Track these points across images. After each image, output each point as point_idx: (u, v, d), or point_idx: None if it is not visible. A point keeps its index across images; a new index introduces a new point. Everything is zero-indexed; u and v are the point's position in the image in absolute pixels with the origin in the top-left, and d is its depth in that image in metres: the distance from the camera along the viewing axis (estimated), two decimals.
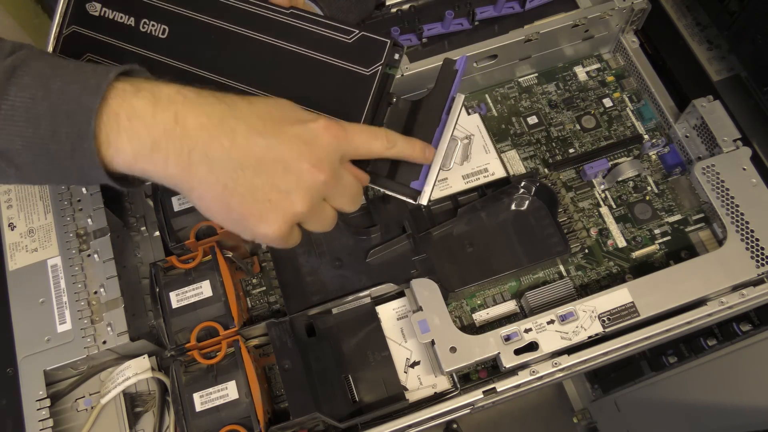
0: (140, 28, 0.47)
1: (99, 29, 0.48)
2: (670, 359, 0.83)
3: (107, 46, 0.47)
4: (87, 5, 0.48)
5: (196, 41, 0.47)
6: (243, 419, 0.50)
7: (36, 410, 0.51)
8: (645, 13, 0.66)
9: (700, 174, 0.58)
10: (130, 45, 0.47)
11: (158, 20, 0.47)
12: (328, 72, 0.45)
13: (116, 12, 0.48)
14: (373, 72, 0.44)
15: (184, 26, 0.47)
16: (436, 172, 0.46)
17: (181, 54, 0.47)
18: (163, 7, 0.47)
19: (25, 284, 0.55)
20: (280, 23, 0.46)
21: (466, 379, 0.57)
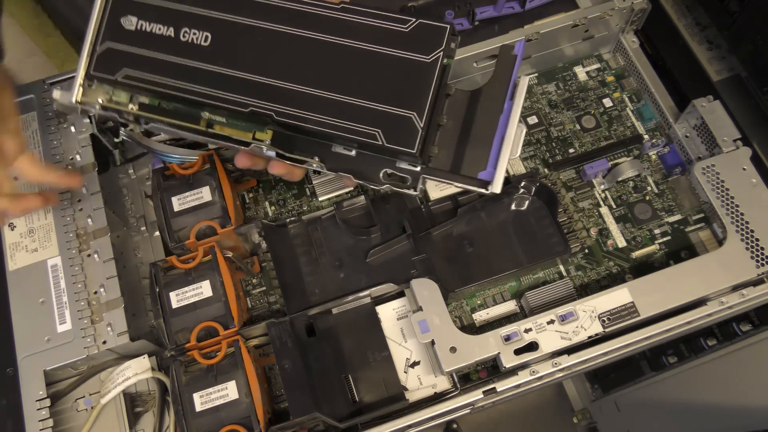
0: (181, 38, 0.46)
1: (136, 43, 0.46)
2: (670, 359, 0.83)
3: (146, 60, 0.46)
4: (122, 20, 0.47)
5: (242, 46, 0.45)
6: (243, 419, 0.50)
7: (36, 410, 0.51)
8: (645, 13, 0.66)
9: (700, 174, 0.58)
10: (172, 56, 0.46)
11: (200, 28, 0.46)
12: (386, 63, 0.44)
13: (154, 24, 0.46)
14: (434, 59, 0.43)
15: (228, 31, 0.46)
16: (506, 159, 0.44)
17: (227, 60, 0.45)
18: (205, 14, 0.46)
19: (25, 284, 0.55)
20: (331, 19, 0.45)
21: (466, 379, 0.57)
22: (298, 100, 0.44)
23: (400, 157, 0.45)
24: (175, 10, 0.46)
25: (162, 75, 0.46)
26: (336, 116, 0.43)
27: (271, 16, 0.45)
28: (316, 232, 0.59)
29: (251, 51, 0.45)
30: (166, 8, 0.46)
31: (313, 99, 0.44)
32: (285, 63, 0.45)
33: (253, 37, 0.45)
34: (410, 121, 0.43)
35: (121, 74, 0.46)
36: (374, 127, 0.43)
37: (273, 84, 0.44)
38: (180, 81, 0.45)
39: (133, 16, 0.46)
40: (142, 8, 0.47)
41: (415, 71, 0.43)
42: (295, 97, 0.44)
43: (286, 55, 0.45)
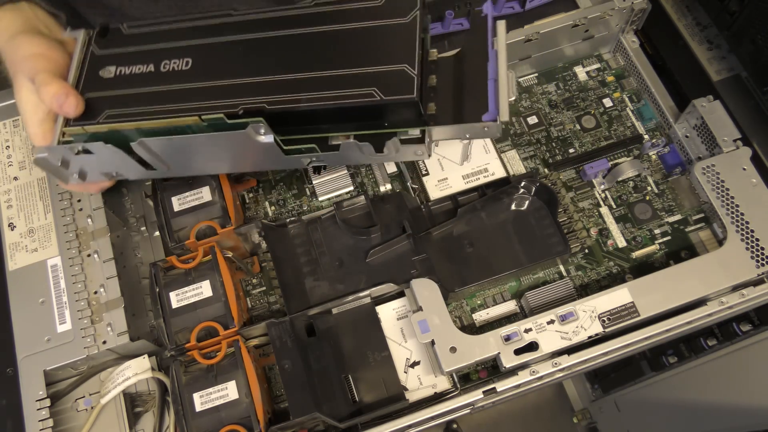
0: (162, 69, 0.46)
1: (117, 86, 0.47)
2: (670, 359, 0.83)
3: (128, 97, 0.46)
4: (100, 72, 0.47)
5: (224, 59, 0.46)
6: (243, 419, 0.50)
7: (36, 410, 0.51)
8: (645, 13, 0.66)
9: (700, 174, 0.58)
10: (155, 86, 0.46)
11: (180, 56, 0.46)
12: (368, 35, 0.44)
13: (133, 66, 0.47)
14: (412, 17, 0.44)
15: (207, 51, 0.46)
16: (505, 95, 0.44)
17: (210, 74, 0.46)
18: (185, 45, 0.47)
19: (25, 284, 0.55)
20: (308, 15, 0.46)
21: (466, 379, 0.57)
22: (286, 87, 0.43)
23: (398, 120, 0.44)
24: (153, 50, 0.47)
25: (147, 104, 0.45)
26: (328, 89, 0.43)
27: (250, 28, 0.46)
28: (316, 232, 0.59)
29: (233, 60, 0.46)
30: (143, 51, 0.47)
31: (302, 81, 0.43)
32: (269, 61, 0.45)
33: (233, 49, 0.46)
34: (403, 72, 0.43)
35: (103, 116, 0.46)
36: (369, 87, 0.42)
37: (259, 81, 0.44)
38: (166, 105, 0.45)
39: (111, 66, 0.47)
40: (120, 58, 0.47)
41: (397, 32, 0.44)
42: (283, 84, 0.43)
43: (269, 54, 0.45)
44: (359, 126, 0.44)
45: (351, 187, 0.62)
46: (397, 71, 0.43)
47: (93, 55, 0.48)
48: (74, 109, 0.46)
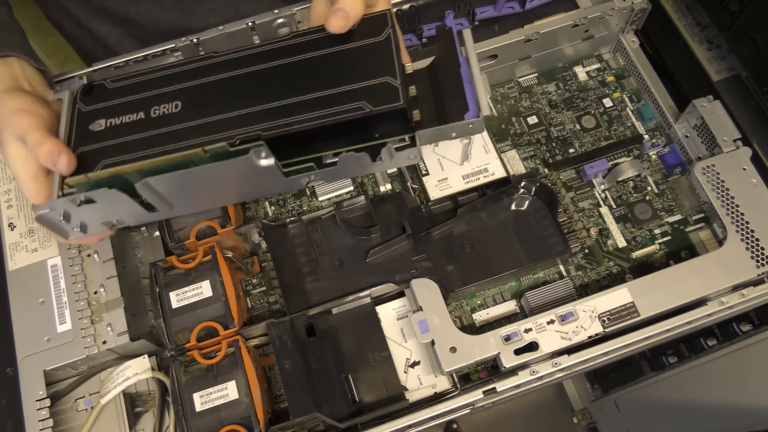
0: (152, 115, 0.47)
1: (109, 137, 0.47)
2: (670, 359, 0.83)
3: (122, 145, 0.47)
4: (90, 126, 0.48)
5: (213, 97, 0.47)
6: (243, 419, 0.50)
7: (36, 410, 0.51)
8: (645, 13, 0.66)
9: (700, 174, 0.58)
10: (147, 132, 0.47)
11: (168, 101, 0.48)
12: (347, 56, 0.47)
13: (123, 116, 0.48)
14: (386, 35, 0.47)
15: (195, 93, 0.47)
16: (483, 93, 0.47)
17: (201, 113, 0.47)
18: (170, 90, 0.48)
19: (25, 284, 0.55)
20: (287, 47, 0.48)
21: (466, 379, 0.57)
22: (278, 113, 0.45)
23: (388, 131, 0.46)
24: (141, 98, 0.48)
25: (142, 149, 0.46)
26: (319, 109, 0.45)
27: (235, 66, 0.48)
28: (316, 232, 0.59)
29: (222, 96, 0.47)
30: (131, 101, 0.48)
31: (292, 106, 0.45)
32: (258, 92, 0.46)
33: (221, 86, 0.47)
34: (387, 83, 0.45)
35: (99, 167, 0.46)
36: (357, 101, 0.45)
37: (250, 111, 0.46)
38: (161, 146, 0.46)
39: (100, 120, 0.48)
40: (108, 111, 0.48)
41: (374, 50, 0.46)
42: (275, 111, 0.45)
43: (257, 86, 0.47)
44: (351, 141, 0.46)
45: (351, 187, 0.62)
46: (381, 84, 0.45)
47: (81, 112, 0.48)
48: (67, 167, 0.46)
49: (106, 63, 0.62)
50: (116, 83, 0.49)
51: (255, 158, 0.44)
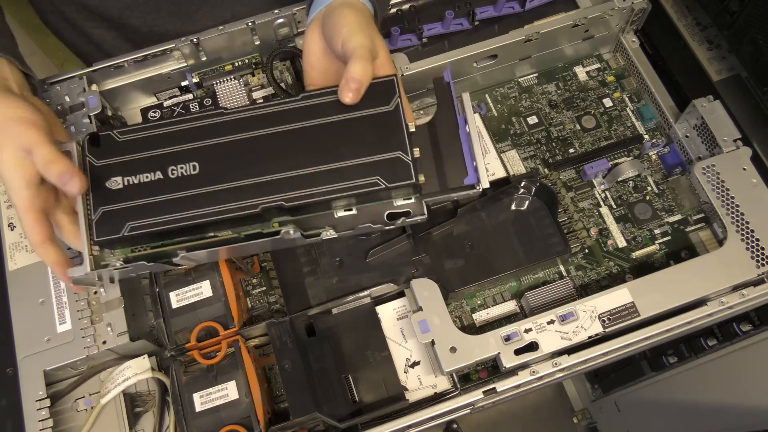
0: (170, 175, 0.48)
1: (128, 197, 0.48)
2: (670, 359, 0.83)
3: (144, 207, 0.47)
4: (107, 184, 0.48)
5: (229, 160, 0.48)
6: (243, 419, 0.50)
7: (36, 410, 0.51)
8: (645, 13, 0.66)
9: (700, 174, 0.58)
10: (166, 195, 0.47)
11: (185, 161, 0.48)
12: (358, 124, 0.49)
13: (140, 174, 0.48)
14: (395, 105, 0.49)
15: (213, 154, 0.48)
16: (481, 159, 0.50)
17: (220, 177, 0.48)
18: (186, 148, 0.48)
19: (25, 284, 0.55)
20: (297, 109, 0.49)
21: (466, 379, 0.57)
22: (298, 183, 0.48)
23: (397, 195, 0.49)
24: (156, 156, 0.48)
25: (164, 214, 0.47)
26: (337, 181, 0.48)
27: (247, 127, 0.49)
28: None
29: (240, 160, 0.48)
30: (145, 158, 0.48)
31: (311, 176, 0.48)
32: (274, 157, 0.48)
33: (237, 149, 0.48)
34: (399, 159, 0.48)
35: (126, 229, 0.47)
36: (372, 176, 0.48)
37: (270, 179, 0.48)
38: (186, 212, 0.47)
39: (116, 177, 0.48)
40: (123, 167, 0.48)
41: (384, 120, 0.49)
42: (294, 181, 0.48)
43: (272, 150, 0.48)
44: (361, 201, 0.49)
45: None
46: (393, 158, 0.48)
47: (93, 167, 0.48)
48: (79, 189, 0.46)
49: (106, 63, 0.62)
50: (125, 136, 0.49)
51: (285, 236, 0.47)
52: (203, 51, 0.64)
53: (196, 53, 0.64)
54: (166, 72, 0.65)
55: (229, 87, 0.65)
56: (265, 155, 0.48)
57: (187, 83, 0.66)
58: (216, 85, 0.65)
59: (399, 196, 0.50)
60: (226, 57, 0.66)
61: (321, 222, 0.50)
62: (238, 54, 0.66)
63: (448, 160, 0.51)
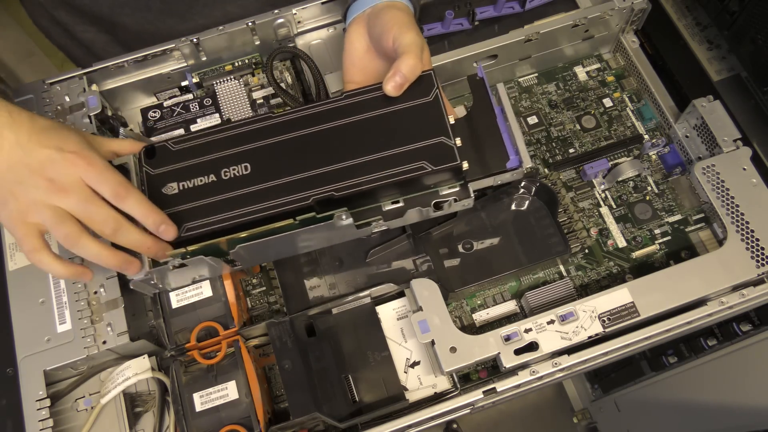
0: (223, 177, 0.50)
1: (184, 200, 0.50)
2: (670, 359, 0.83)
3: (199, 209, 0.49)
4: (163, 190, 0.50)
5: (279, 159, 0.50)
6: (243, 419, 0.50)
7: (36, 410, 0.51)
8: (645, 13, 0.66)
9: (700, 174, 0.58)
10: (220, 195, 0.49)
11: (237, 163, 0.50)
12: (400, 116, 0.50)
13: (194, 179, 0.50)
14: (434, 96, 0.51)
15: (261, 155, 0.50)
16: (522, 142, 0.51)
17: (271, 174, 0.50)
18: (238, 151, 0.51)
19: (25, 284, 0.55)
20: (341, 107, 0.51)
21: (466, 379, 0.57)
22: (346, 174, 0.49)
23: (442, 182, 0.51)
24: (209, 160, 0.51)
25: (219, 213, 0.49)
26: (384, 169, 0.49)
27: (294, 127, 0.51)
28: None
29: (289, 158, 0.50)
30: (199, 163, 0.51)
31: (358, 167, 0.49)
32: (321, 153, 0.50)
33: (286, 148, 0.50)
34: (442, 143, 0.49)
35: (183, 230, 0.49)
36: (418, 161, 0.49)
37: (319, 173, 0.49)
38: (238, 210, 0.49)
39: (172, 183, 0.50)
40: (178, 174, 0.51)
41: (424, 111, 0.50)
42: (343, 172, 0.49)
43: (319, 147, 0.50)
44: (407, 192, 0.51)
45: None
46: (437, 143, 0.49)
47: (149, 176, 0.51)
48: (174, 236, 0.48)
49: (106, 63, 0.62)
50: (179, 145, 0.51)
51: (337, 221, 0.48)
52: (203, 51, 0.64)
53: (196, 53, 0.64)
54: (166, 72, 0.65)
55: (229, 87, 0.65)
56: (312, 151, 0.50)
57: (187, 83, 0.66)
58: (216, 85, 0.65)
59: (444, 184, 0.51)
60: (226, 57, 0.66)
61: (370, 214, 0.51)
62: (238, 54, 0.66)
63: (489, 147, 0.52)
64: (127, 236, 0.47)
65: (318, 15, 0.67)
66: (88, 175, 0.46)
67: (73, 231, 0.46)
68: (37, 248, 0.47)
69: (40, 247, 0.47)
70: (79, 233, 0.46)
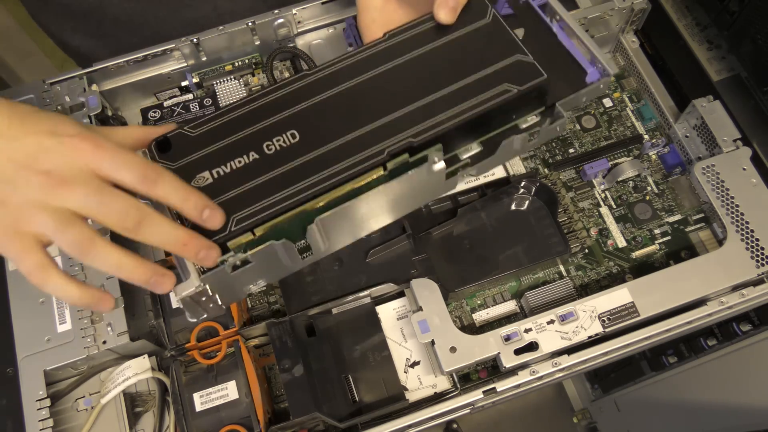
0: (267, 152, 0.41)
1: (226, 189, 0.40)
2: (670, 359, 0.83)
3: (249, 193, 0.40)
4: (193, 183, 0.40)
5: (332, 117, 0.42)
6: (243, 419, 0.50)
7: (36, 410, 0.51)
8: (645, 13, 0.66)
9: (700, 174, 0.58)
10: (271, 173, 0.40)
11: (280, 132, 0.42)
12: (460, 43, 0.44)
13: (231, 161, 0.41)
14: (492, 15, 0.45)
15: (311, 116, 0.42)
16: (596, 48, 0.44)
17: (324, 138, 0.41)
18: (278, 119, 0.42)
19: (25, 284, 0.55)
20: (387, 49, 0.44)
21: (466, 379, 0.57)
22: (420, 116, 0.41)
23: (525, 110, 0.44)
24: (244, 137, 0.42)
25: (276, 192, 0.40)
26: (461, 102, 0.42)
27: (337, 80, 0.43)
28: None
29: (345, 115, 0.42)
30: (232, 142, 0.42)
31: (432, 105, 0.42)
32: (381, 101, 0.42)
33: (336, 105, 0.42)
34: (519, 61, 0.43)
35: (232, 224, 0.39)
36: (499, 85, 0.42)
37: (387, 120, 0.42)
38: (299, 183, 0.40)
39: (202, 173, 0.41)
40: (208, 161, 0.41)
41: (486, 32, 0.44)
42: (415, 115, 0.42)
43: (376, 95, 0.43)
44: (486, 131, 0.44)
45: None
46: (514, 63, 0.43)
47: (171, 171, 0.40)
48: (221, 222, 0.38)
49: (106, 63, 0.62)
50: (199, 129, 0.42)
51: (431, 164, 0.41)
52: (203, 51, 0.64)
53: (196, 53, 0.64)
54: (166, 72, 0.65)
55: (230, 87, 0.65)
56: (370, 101, 0.42)
57: (187, 83, 0.66)
58: (216, 85, 0.65)
59: (527, 112, 0.44)
60: (226, 57, 0.66)
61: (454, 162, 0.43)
62: (238, 54, 0.66)
63: (560, 69, 0.45)
64: (157, 229, 0.37)
65: (318, 15, 0.67)
66: (97, 160, 0.36)
67: (84, 235, 0.36)
68: (40, 266, 0.37)
69: (44, 264, 0.37)
70: (92, 237, 0.36)
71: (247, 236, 0.39)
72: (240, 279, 0.41)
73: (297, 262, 0.44)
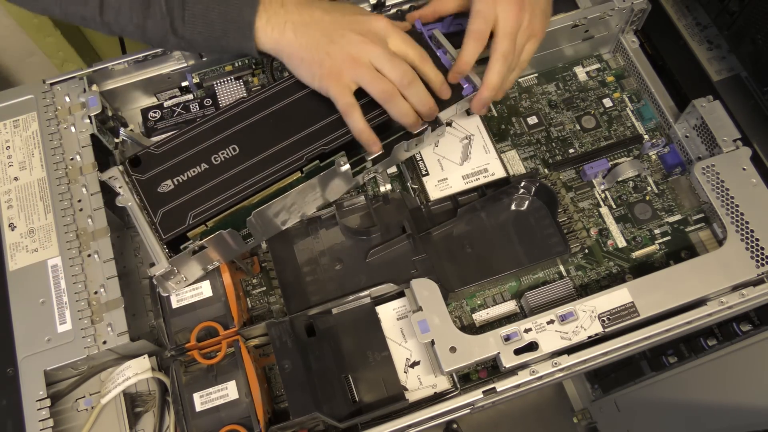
0: (215, 162, 0.52)
1: (182, 193, 0.51)
2: (670, 359, 0.83)
3: (202, 194, 0.51)
4: (158, 189, 0.51)
5: (263, 134, 0.53)
6: (243, 419, 0.50)
7: (36, 410, 0.51)
8: (645, 13, 0.66)
9: (700, 174, 0.58)
10: (219, 177, 0.51)
11: (224, 147, 0.53)
12: None
13: (186, 172, 0.52)
14: None
15: (246, 133, 0.53)
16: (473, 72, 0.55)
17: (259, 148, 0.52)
18: (219, 139, 0.53)
19: (25, 284, 0.55)
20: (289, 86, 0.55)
21: (466, 379, 0.57)
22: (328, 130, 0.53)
23: None
24: (196, 153, 0.53)
25: (222, 192, 0.51)
26: None
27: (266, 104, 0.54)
28: (317, 232, 0.59)
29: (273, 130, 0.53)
30: (187, 157, 0.52)
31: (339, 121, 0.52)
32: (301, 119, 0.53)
33: (266, 123, 0.53)
34: None
35: (190, 218, 0.50)
36: None
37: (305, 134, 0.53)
38: (240, 185, 0.51)
39: (166, 181, 0.52)
40: (169, 172, 0.52)
41: None
42: (325, 129, 0.53)
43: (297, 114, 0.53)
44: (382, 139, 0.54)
45: None
46: None
47: (141, 181, 0.52)
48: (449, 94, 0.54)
49: (106, 63, 0.62)
50: (162, 147, 0.53)
51: (337, 166, 0.52)
52: None
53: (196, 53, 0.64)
54: (166, 72, 0.65)
55: (229, 87, 0.65)
56: (293, 119, 0.53)
57: (187, 83, 0.66)
58: (216, 85, 0.65)
59: None
60: (226, 57, 0.66)
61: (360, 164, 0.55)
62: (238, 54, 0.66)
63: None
64: (418, 89, 0.52)
65: None
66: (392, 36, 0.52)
67: (390, 88, 0.50)
68: (352, 104, 0.51)
69: (354, 104, 0.51)
70: (394, 90, 0.50)
71: (201, 228, 0.51)
72: (200, 259, 0.52)
73: (242, 246, 0.55)
